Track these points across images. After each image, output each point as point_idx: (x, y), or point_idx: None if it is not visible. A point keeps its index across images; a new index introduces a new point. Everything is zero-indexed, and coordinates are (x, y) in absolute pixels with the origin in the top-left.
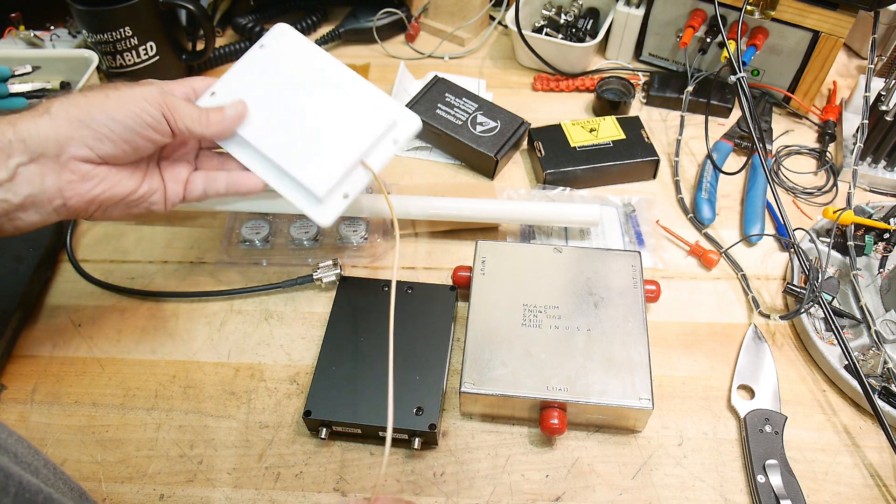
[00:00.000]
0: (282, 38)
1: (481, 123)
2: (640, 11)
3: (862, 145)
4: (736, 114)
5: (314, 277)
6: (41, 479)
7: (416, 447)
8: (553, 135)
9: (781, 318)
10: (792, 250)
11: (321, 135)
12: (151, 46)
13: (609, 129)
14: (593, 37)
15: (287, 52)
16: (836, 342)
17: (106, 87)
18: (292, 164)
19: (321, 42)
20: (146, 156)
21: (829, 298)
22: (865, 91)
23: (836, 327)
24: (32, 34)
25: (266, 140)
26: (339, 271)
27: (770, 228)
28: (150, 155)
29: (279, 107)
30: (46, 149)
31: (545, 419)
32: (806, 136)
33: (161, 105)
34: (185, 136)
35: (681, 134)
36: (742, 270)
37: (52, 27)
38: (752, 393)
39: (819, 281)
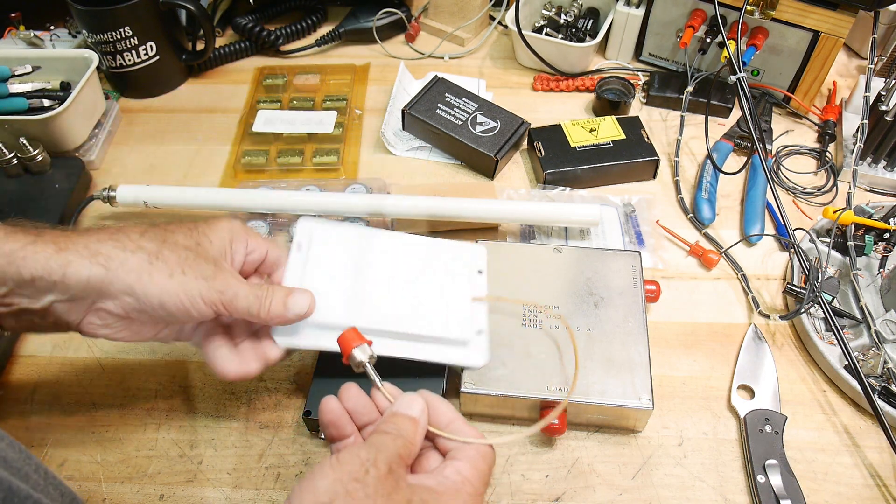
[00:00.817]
0: (314, 231)
1: (481, 123)
2: (640, 11)
3: (862, 145)
4: (736, 114)
5: None
6: (31, 484)
7: None
8: (553, 135)
9: (781, 318)
10: (792, 250)
11: (424, 294)
12: (151, 46)
13: (609, 129)
14: (593, 37)
15: (330, 240)
16: (836, 342)
17: (177, 256)
18: (421, 327)
19: (321, 42)
20: None
21: (829, 298)
22: (865, 91)
23: (836, 327)
24: (32, 34)
25: (378, 317)
26: None
27: (770, 228)
28: None
29: (361, 287)
30: (87, 295)
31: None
32: (806, 136)
33: (216, 304)
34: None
35: (681, 134)
36: (742, 270)
37: (52, 27)
38: (752, 393)
39: (819, 281)
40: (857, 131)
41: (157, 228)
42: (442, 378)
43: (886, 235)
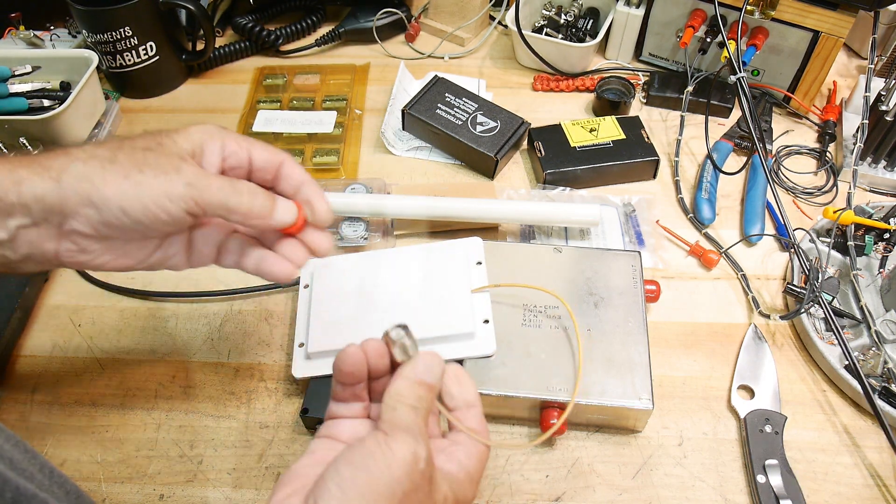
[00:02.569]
0: (315, 269)
1: (481, 123)
2: (640, 11)
3: (862, 145)
4: (736, 114)
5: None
6: (36, 484)
7: None
8: (553, 135)
9: (781, 318)
10: (792, 250)
11: (427, 297)
12: (151, 46)
13: (609, 129)
14: (593, 37)
15: (331, 273)
16: (836, 342)
17: (133, 157)
18: (427, 329)
19: (321, 42)
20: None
21: (829, 298)
22: (865, 91)
23: (836, 327)
24: (32, 34)
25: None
26: None
27: (770, 228)
28: None
29: (367, 307)
30: (49, 216)
31: (545, 419)
32: (806, 136)
33: (184, 199)
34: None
35: (681, 134)
36: (742, 270)
37: (52, 27)
38: (752, 393)
39: (819, 281)
40: (857, 131)
41: (115, 138)
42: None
43: (886, 235)
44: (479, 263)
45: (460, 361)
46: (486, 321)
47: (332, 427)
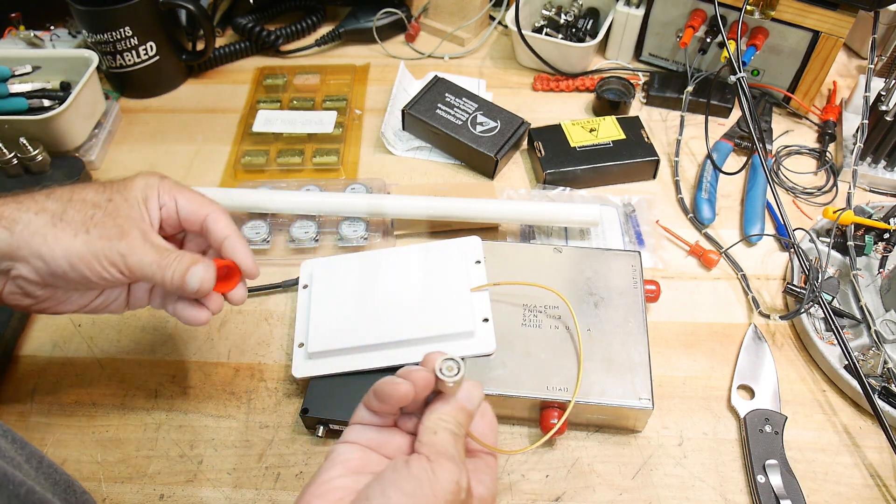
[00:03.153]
0: (314, 269)
1: (481, 123)
2: (640, 11)
3: (862, 145)
4: (736, 114)
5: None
6: (22, 473)
7: None
8: (553, 135)
9: (781, 318)
10: (792, 250)
11: (427, 297)
12: (151, 46)
13: (609, 129)
14: (593, 37)
15: (330, 274)
16: (836, 342)
17: (82, 215)
18: (427, 329)
19: (321, 42)
20: None
21: (829, 298)
22: (865, 91)
23: (836, 327)
24: (32, 34)
25: (385, 331)
26: None
27: (770, 228)
28: None
29: (366, 308)
30: None
31: (545, 419)
32: (806, 136)
33: (118, 267)
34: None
35: (681, 134)
36: (742, 270)
37: (52, 27)
38: (752, 393)
39: (819, 281)
40: (857, 131)
41: (66, 188)
42: None
43: (886, 235)
44: (478, 262)
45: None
46: (486, 320)
47: (360, 433)
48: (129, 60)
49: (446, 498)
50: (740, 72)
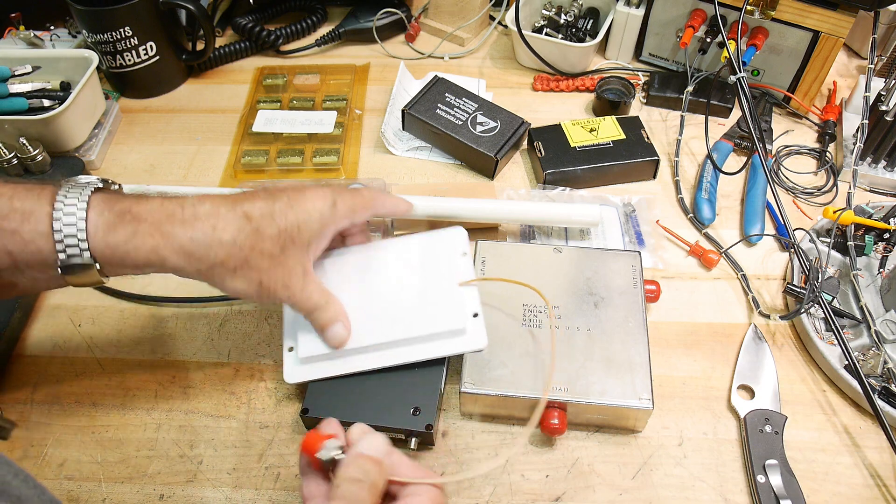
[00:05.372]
0: None
1: (481, 123)
2: (640, 11)
3: (862, 145)
4: (736, 114)
5: None
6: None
7: (412, 447)
8: (553, 135)
9: (781, 318)
10: (792, 250)
11: (412, 294)
12: (151, 46)
13: (609, 129)
14: (593, 37)
15: (318, 272)
16: (836, 342)
17: (258, 265)
18: (415, 328)
19: (321, 42)
20: None
21: (829, 298)
22: (865, 91)
23: (836, 327)
24: (32, 34)
25: (373, 333)
26: None
27: (770, 228)
28: None
29: (350, 309)
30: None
31: (545, 419)
32: (806, 136)
33: (278, 302)
34: None
35: (681, 134)
36: (742, 270)
37: (52, 27)
38: (752, 393)
39: (819, 281)
40: (857, 131)
41: (251, 223)
42: (442, 366)
43: (886, 235)
44: (465, 254)
45: (444, 358)
46: (476, 315)
47: (309, 482)
48: (129, 60)
49: None
50: (740, 72)
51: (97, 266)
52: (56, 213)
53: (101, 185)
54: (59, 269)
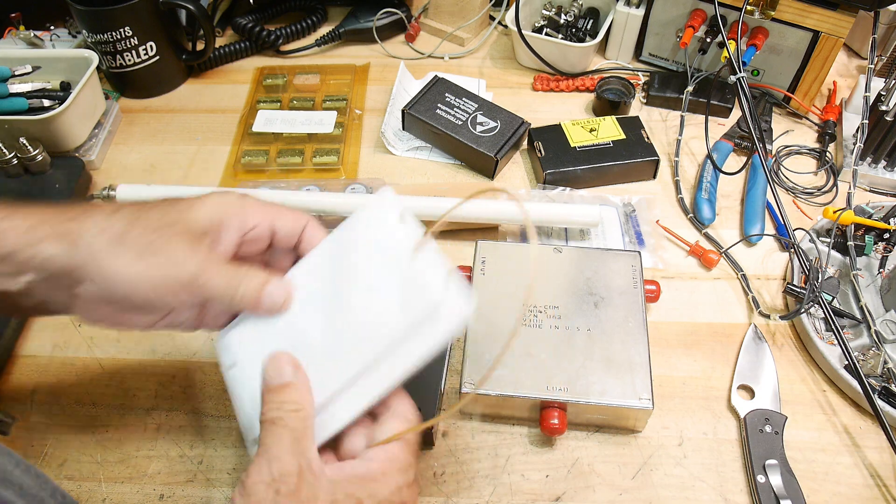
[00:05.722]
0: (241, 342)
1: (481, 123)
2: (640, 11)
3: (862, 145)
4: (736, 114)
5: None
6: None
7: None
8: (553, 135)
9: (781, 318)
10: (792, 250)
11: (361, 293)
12: (151, 46)
13: (609, 129)
14: (593, 37)
15: (260, 329)
16: (836, 342)
17: (146, 237)
18: (386, 332)
19: (321, 42)
20: None
21: (829, 298)
22: (865, 91)
23: (836, 327)
24: (32, 34)
25: (335, 372)
26: None
27: (770, 228)
28: None
29: (315, 348)
30: (60, 278)
31: (545, 419)
32: (806, 136)
33: (191, 292)
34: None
35: (681, 134)
36: (742, 270)
37: (52, 27)
38: (752, 393)
39: (819, 281)
40: (857, 131)
41: (132, 206)
42: (442, 367)
43: (886, 235)
44: (402, 219)
45: (448, 358)
46: (446, 276)
47: None
48: (129, 60)
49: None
50: (740, 72)
51: None
52: None
53: None
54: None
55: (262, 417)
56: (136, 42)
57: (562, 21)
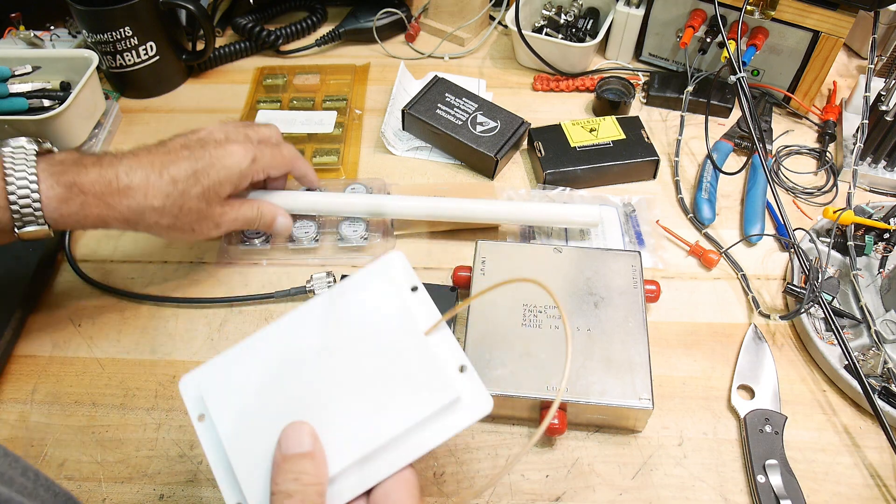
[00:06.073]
0: (206, 390)
1: (481, 123)
2: (640, 11)
3: (862, 145)
4: (736, 114)
5: (307, 289)
6: (16, 488)
7: None
8: (553, 135)
9: (781, 318)
10: (792, 250)
11: (371, 372)
12: (151, 46)
13: (609, 129)
14: (593, 37)
15: (228, 383)
16: (836, 342)
17: (185, 206)
18: (396, 420)
19: (321, 42)
20: None
21: (829, 298)
22: (865, 91)
23: (836, 327)
24: (32, 34)
25: (344, 446)
26: (331, 282)
27: (770, 228)
28: None
29: (297, 410)
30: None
31: (545, 419)
32: (806, 136)
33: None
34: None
35: (681, 134)
36: (742, 270)
37: (52, 27)
38: (752, 393)
39: (819, 281)
40: (857, 131)
41: (177, 187)
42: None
43: (886, 235)
44: (415, 289)
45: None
46: (463, 368)
47: None
48: (129, 60)
49: None
50: (740, 72)
51: (50, 229)
52: (9, 186)
53: (38, 149)
54: (15, 234)
55: (276, 488)
56: (136, 42)
57: (562, 21)
